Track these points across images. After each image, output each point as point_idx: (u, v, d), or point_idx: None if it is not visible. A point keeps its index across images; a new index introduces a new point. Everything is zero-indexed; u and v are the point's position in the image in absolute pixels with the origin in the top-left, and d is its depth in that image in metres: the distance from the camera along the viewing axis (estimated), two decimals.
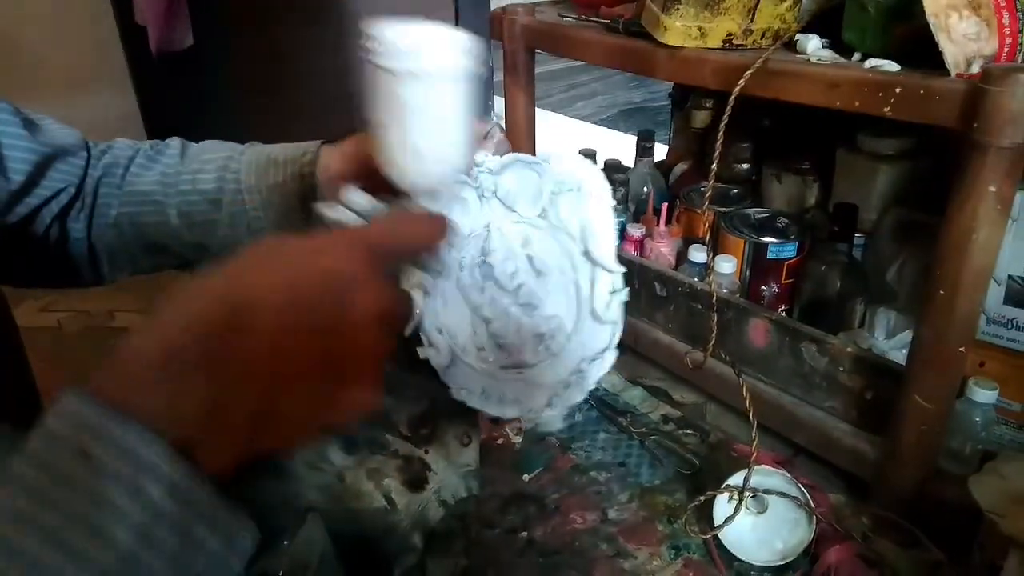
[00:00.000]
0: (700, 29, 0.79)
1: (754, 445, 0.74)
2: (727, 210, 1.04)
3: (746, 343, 0.92)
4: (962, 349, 0.70)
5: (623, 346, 1.09)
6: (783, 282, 0.98)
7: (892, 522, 0.77)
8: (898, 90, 0.65)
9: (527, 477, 0.88)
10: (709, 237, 0.81)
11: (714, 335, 0.81)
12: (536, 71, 1.10)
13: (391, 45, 0.42)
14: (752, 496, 0.77)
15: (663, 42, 0.81)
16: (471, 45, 0.44)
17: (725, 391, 0.97)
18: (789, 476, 0.76)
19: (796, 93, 0.74)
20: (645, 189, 1.22)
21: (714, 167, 0.77)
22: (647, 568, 0.76)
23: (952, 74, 0.64)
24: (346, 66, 2.16)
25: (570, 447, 0.93)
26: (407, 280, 0.50)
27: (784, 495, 0.76)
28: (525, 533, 0.80)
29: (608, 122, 2.66)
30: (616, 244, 0.60)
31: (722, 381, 0.96)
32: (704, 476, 0.86)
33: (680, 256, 1.09)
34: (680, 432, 0.95)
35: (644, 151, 1.25)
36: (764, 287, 0.98)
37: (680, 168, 1.29)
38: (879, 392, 0.80)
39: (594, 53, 0.95)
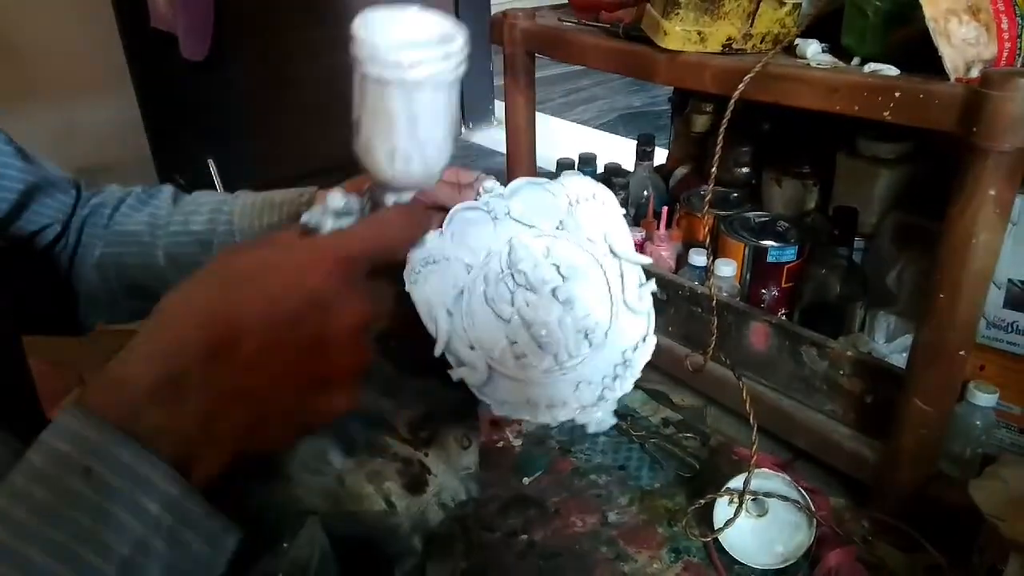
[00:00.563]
0: (700, 33, 0.80)
1: (754, 448, 0.74)
2: (727, 214, 1.04)
3: (746, 346, 0.92)
4: (962, 353, 0.70)
5: None
6: (783, 286, 0.98)
7: (892, 526, 0.77)
8: (897, 94, 0.66)
9: (527, 480, 0.88)
10: (709, 241, 0.81)
11: (714, 338, 0.81)
12: (536, 75, 1.10)
13: (379, 51, 0.40)
14: (752, 499, 0.76)
15: (663, 46, 0.81)
16: (463, 43, 0.43)
17: (725, 394, 0.97)
18: (789, 479, 0.76)
19: (796, 97, 0.74)
20: (645, 193, 1.22)
21: (714, 171, 0.77)
22: (647, 571, 0.76)
23: (951, 78, 0.64)
24: (347, 70, 2.16)
25: (570, 450, 0.93)
26: (426, 311, 0.51)
27: (784, 498, 0.76)
28: (525, 536, 0.80)
29: (608, 126, 2.66)
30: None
31: (722, 384, 0.96)
32: (704, 479, 0.86)
33: (680, 260, 1.09)
34: (680, 435, 0.95)
35: (644, 155, 1.25)
36: (764, 291, 0.98)
37: (680, 172, 1.29)
38: (879, 396, 0.80)
39: (594, 57, 0.96)
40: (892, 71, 0.68)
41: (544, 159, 1.22)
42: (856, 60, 0.73)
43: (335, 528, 0.60)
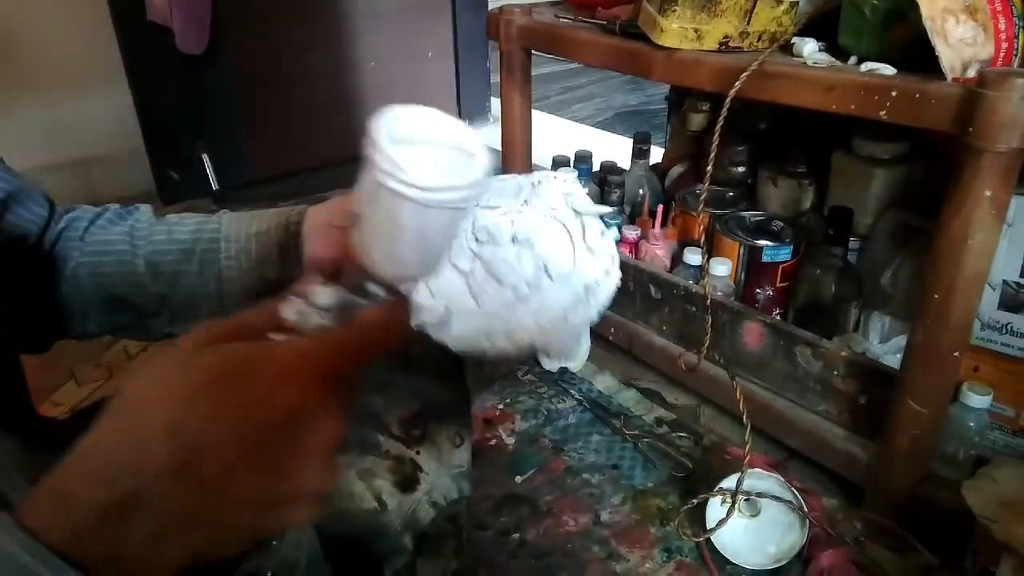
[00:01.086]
0: (696, 31, 0.79)
1: (747, 448, 0.74)
2: (722, 213, 1.04)
3: (740, 346, 0.92)
4: (956, 354, 0.70)
5: (617, 348, 1.10)
6: (778, 285, 0.97)
7: (885, 527, 0.77)
8: (894, 94, 0.65)
9: (520, 479, 0.88)
10: (704, 240, 0.81)
11: (708, 338, 0.81)
12: (533, 73, 1.10)
13: (403, 173, 0.38)
14: (745, 499, 0.76)
15: (659, 43, 0.81)
16: (486, 166, 0.41)
17: (719, 394, 0.97)
18: (782, 480, 0.76)
19: (792, 96, 0.73)
20: (641, 191, 1.22)
21: (709, 170, 0.77)
22: (639, 571, 0.76)
23: (948, 78, 0.64)
24: (342, 65, 2.15)
25: (563, 449, 0.93)
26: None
27: (777, 499, 0.75)
28: (517, 535, 0.80)
29: (605, 125, 2.66)
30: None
31: (716, 384, 0.95)
32: (697, 479, 0.86)
33: (675, 258, 1.09)
34: (674, 435, 0.95)
35: (640, 153, 1.24)
36: (759, 290, 0.98)
37: (676, 171, 1.29)
38: (873, 396, 0.80)
39: (590, 54, 0.95)
40: (889, 70, 0.68)
41: (540, 156, 1.22)
42: (853, 59, 0.73)
43: (325, 526, 0.59)
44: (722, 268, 0.97)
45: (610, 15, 0.94)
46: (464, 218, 0.43)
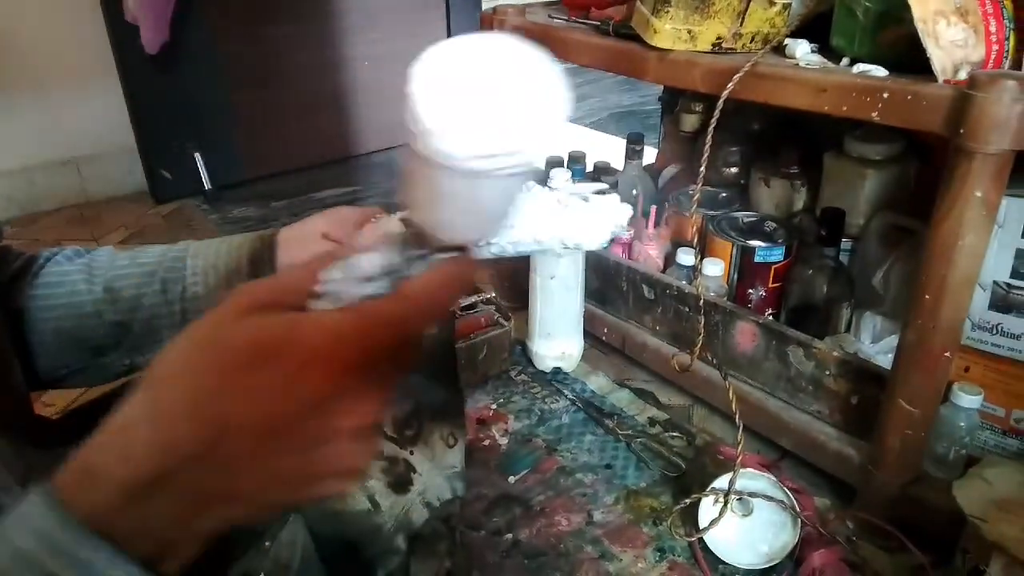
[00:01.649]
0: (690, 32, 0.79)
1: (740, 448, 0.74)
2: (715, 213, 1.04)
3: (733, 346, 0.92)
4: (947, 354, 0.70)
5: (610, 348, 1.10)
6: (770, 286, 0.98)
7: (876, 526, 0.77)
8: (886, 95, 0.66)
9: (513, 479, 0.88)
10: (697, 240, 0.81)
11: (701, 338, 0.81)
12: None
13: (445, 139, 0.32)
14: (737, 499, 0.76)
15: (653, 44, 0.81)
16: (562, 112, 0.34)
17: (712, 394, 0.97)
18: (774, 479, 0.76)
19: (785, 97, 0.74)
20: (634, 192, 1.22)
21: (702, 170, 0.77)
22: (632, 571, 0.76)
23: (940, 80, 0.64)
24: (335, 64, 2.15)
25: (556, 449, 0.93)
26: None
27: (769, 498, 0.76)
28: (510, 535, 0.80)
29: (598, 125, 2.66)
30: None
31: (709, 384, 0.96)
32: (690, 479, 0.86)
33: (668, 259, 1.09)
34: (666, 435, 0.95)
35: (634, 154, 1.25)
36: (751, 290, 0.99)
37: (669, 171, 1.29)
38: (865, 396, 0.81)
39: (584, 55, 0.95)
40: (881, 72, 0.68)
41: None
42: (845, 61, 0.73)
43: (318, 527, 0.59)
44: (715, 268, 0.97)
45: (604, 16, 0.95)
46: (529, 178, 0.36)
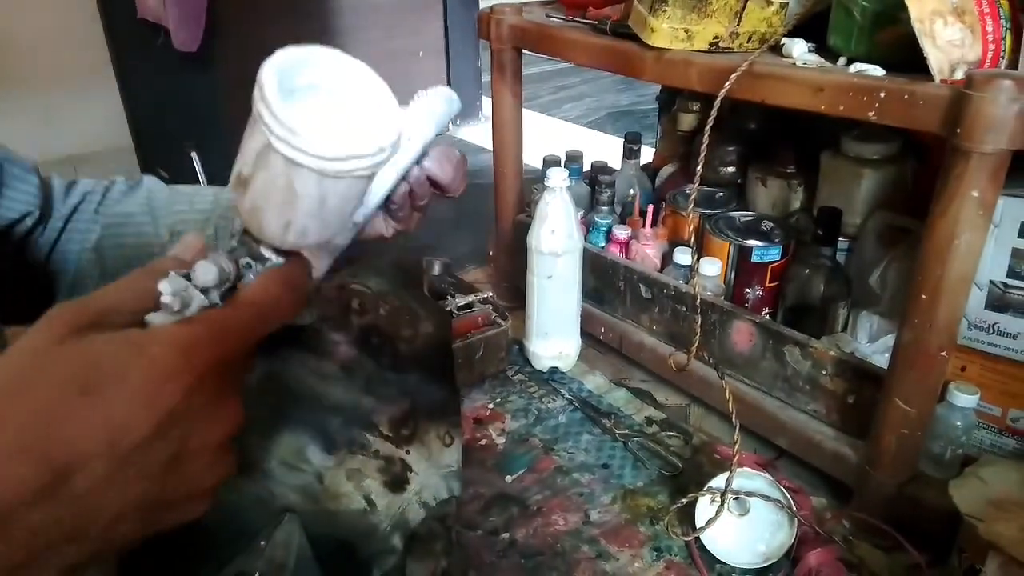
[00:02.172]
0: (687, 31, 0.79)
1: (737, 447, 0.74)
2: (712, 213, 1.04)
3: (730, 346, 0.92)
4: (943, 353, 0.70)
5: (607, 347, 1.10)
6: (767, 285, 0.98)
7: (873, 525, 0.77)
8: (882, 95, 0.66)
9: (510, 478, 0.88)
10: (694, 240, 0.81)
11: (698, 337, 0.81)
12: (524, 73, 1.10)
13: (298, 137, 0.32)
14: (734, 498, 0.76)
15: (650, 44, 0.81)
16: (397, 135, 0.35)
17: (709, 393, 0.97)
18: (771, 479, 0.76)
19: (782, 97, 0.74)
20: (631, 191, 1.22)
21: (699, 170, 0.77)
22: (629, 570, 0.76)
23: (936, 80, 0.64)
24: None
25: (553, 448, 0.93)
26: None
27: (766, 498, 0.76)
28: (507, 534, 0.80)
29: (596, 124, 2.66)
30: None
31: (706, 383, 0.96)
32: (687, 478, 0.86)
33: (665, 258, 1.09)
34: (663, 434, 0.95)
35: (631, 153, 1.25)
36: (748, 290, 0.99)
37: (666, 171, 1.29)
38: (861, 396, 0.81)
39: (581, 54, 0.95)
40: (878, 71, 0.68)
41: (531, 156, 1.22)
42: (842, 60, 0.73)
43: (313, 527, 0.59)
44: (712, 268, 0.97)
45: (601, 15, 0.95)
46: (372, 181, 0.37)
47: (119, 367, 0.29)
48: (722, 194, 1.11)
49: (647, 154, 1.37)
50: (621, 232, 1.11)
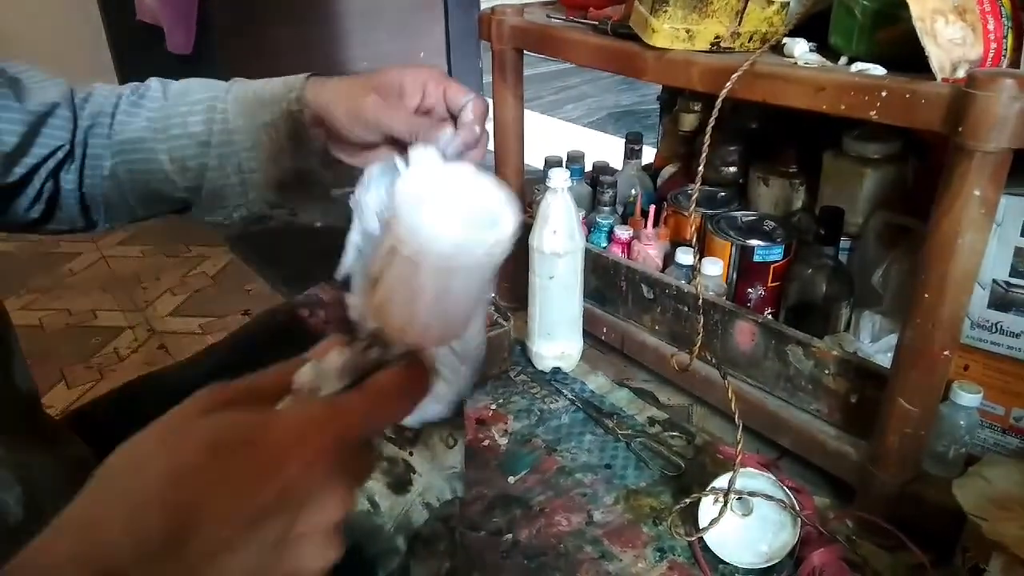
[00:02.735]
0: (688, 31, 0.79)
1: (739, 447, 0.74)
2: (714, 213, 1.04)
3: (732, 345, 0.92)
4: (946, 353, 0.70)
5: (609, 348, 1.10)
6: (769, 285, 0.98)
7: (876, 525, 0.77)
8: (884, 94, 0.66)
9: (512, 479, 0.88)
10: (696, 240, 0.81)
11: (700, 337, 0.81)
12: (525, 73, 1.10)
13: (419, 234, 0.35)
14: (737, 498, 0.76)
15: (651, 44, 0.81)
16: (514, 226, 0.37)
17: (711, 393, 0.97)
18: (774, 478, 0.76)
19: (783, 96, 0.74)
20: (633, 191, 1.22)
21: (701, 170, 0.77)
22: (632, 571, 0.76)
23: (938, 78, 0.64)
24: (334, 65, 2.15)
25: (556, 449, 0.93)
26: None
27: (769, 497, 0.76)
28: (510, 535, 0.80)
29: (597, 125, 2.66)
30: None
31: (708, 383, 0.96)
32: (689, 478, 0.86)
33: (667, 258, 1.09)
34: (666, 434, 0.95)
35: (632, 154, 1.25)
36: (750, 290, 0.98)
37: (668, 171, 1.29)
38: (864, 395, 0.81)
39: (582, 54, 0.95)
40: (879, 71, 0.68)
41: (532, 156, 1.22)
42: (843, 59, 0.73)
43: None
44: (714, 268, 0.97)
45: (602, 15, 0.95)
46: (489, 274, 0.39)
47: (252, 436, 0.30)
48: (724, 194, 1.11)
49: (649, 154, 1.37)
50: (623, 232, 1.11)
